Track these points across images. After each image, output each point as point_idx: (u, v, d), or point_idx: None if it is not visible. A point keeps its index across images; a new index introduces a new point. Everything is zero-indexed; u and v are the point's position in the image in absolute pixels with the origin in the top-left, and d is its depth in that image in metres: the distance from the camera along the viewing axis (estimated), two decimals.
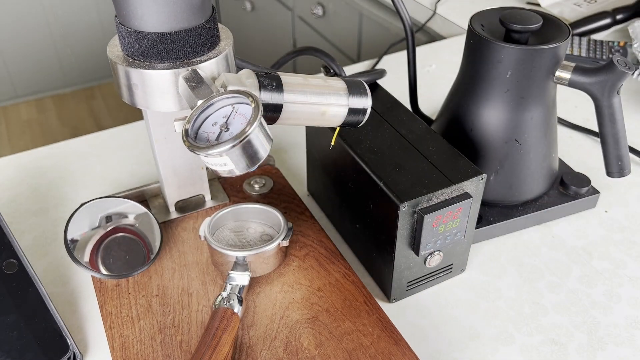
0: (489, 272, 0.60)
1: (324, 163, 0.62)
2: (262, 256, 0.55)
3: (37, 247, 0.63)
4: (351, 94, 0.48)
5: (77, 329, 0.54)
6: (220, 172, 0.40)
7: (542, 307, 0.56)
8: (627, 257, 0.61)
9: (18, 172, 0.74)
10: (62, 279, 0.59)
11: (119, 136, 0.80)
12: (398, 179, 0.51)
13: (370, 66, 0.97)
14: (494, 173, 0.62)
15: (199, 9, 0.45)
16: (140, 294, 0.56)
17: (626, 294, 0.57)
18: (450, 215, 0.51)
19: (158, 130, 0.56)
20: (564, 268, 0.60)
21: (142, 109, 0.50)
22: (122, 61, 0.46)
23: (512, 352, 0.52)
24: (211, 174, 0.68)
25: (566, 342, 0.53)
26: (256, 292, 0.56)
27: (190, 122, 0.41)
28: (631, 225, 0.65)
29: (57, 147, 0.78)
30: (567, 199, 0.65)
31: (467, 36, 0.59)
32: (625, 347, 0.52)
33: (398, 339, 0.52)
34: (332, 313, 0.54)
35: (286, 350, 0.51)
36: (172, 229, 0.63)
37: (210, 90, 0.43)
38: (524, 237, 0.64)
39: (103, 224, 0.59)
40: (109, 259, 0.57)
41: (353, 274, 0.58)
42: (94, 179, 0.72)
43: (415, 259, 0.54)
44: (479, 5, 1.16)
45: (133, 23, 0.44)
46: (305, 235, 0.62)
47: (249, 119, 0.39)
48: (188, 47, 0.45)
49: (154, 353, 0.51)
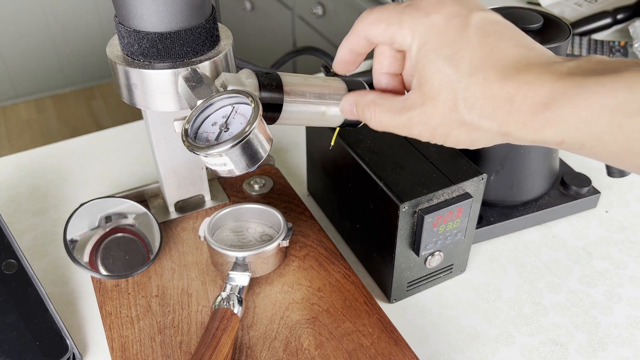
0: (490, 273, 0.60)
1: (324, 163, 0.62)
2: (262, 256, 0.55)
3: (37, 247, 0.63)
4: None
5: (77, 330, 0.54)
6: (220, 172, 0.40)
7: (542, 307, 0.56)
8: (627, 257, 0.61)
9: (17, 172, 0.73)
10: (62, 279, 0.59)
11: (119, 136, 0.80)
12: (398, 179, 0.51)
13: (370, 66, 0.97)
14: (494, 173, 0.62)
15: (198, 8, 0.45)
16: (140, 295, 0.56)
17: (626, 294, 0.57)
18: (451, 215, 0.51)
19: (158, 130, 0.56)
20: (564, 268, 0.60)
21: (141, 109, 0.50)
22: (121, 61, 0.46)
23: (513, 353, 0.52)
24: (211, 174, 0.68)
25: (566, 342, 0.53)
26: (256, 292, 0.56)
27: (190, 122, 0.40)
28: (631, 225, 0.65)
29: (57, 147, 0.78)
30: (567, 199, 0.65)
31: None
32: (626, 348, 0.52)
33: (398, 340, 0.52)
34: (332, 313, 0.54)
35: (286, 351, 0.51)
36: (171, 229, 0.63)
37: (210, 90, 0.43)
38: (524, 237, 0.64)
39: (103, 224, 0.59)
40: (109, 259, 0.57)
41: (353, 274, 0.58)
42: (93, 179, 0.72)
43: (416, 259, 0.53)
44: None
45: (132, 23, 0.44)
46: (305, 236, 0.62)
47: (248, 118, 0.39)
48: (188, 47, 0.45)
49: (153, 353, 0.51)
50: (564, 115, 0.28)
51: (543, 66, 0.30)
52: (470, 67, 0.31)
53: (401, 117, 0.35)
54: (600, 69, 0.28)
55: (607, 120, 0.27)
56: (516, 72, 0.30)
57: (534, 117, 0.29)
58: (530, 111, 0.29)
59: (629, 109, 0.26)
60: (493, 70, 0.30)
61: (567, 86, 0.28)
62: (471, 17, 0.32)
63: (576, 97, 0.27)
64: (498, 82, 0.30)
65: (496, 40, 0.31)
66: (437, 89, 0.33)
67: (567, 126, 0.28)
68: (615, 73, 0.27)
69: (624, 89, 0.26)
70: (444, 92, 0.32)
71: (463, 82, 0.31)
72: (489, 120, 0.31)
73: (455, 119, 0.33)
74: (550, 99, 0.28)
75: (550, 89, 0.28)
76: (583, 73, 0.28)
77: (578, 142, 0.28)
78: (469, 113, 0.32)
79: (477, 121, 0.32)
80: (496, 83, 0.30)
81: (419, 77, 0.33)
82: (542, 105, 0.29)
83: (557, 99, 0.28)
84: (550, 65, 0.29)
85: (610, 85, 0.27)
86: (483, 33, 0.31)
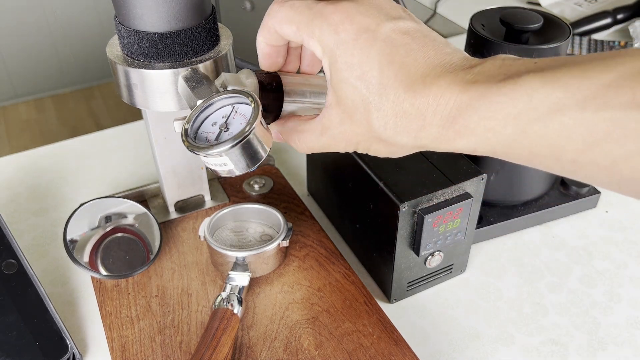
0: (490, 273, 0.60)
1: (324, 163, 0.62)
2: (262, 256, 0.55)
3: (37, 247, 0.63)
4: None
5: (77, 330, 0.54)
6: (220, 172, 0.40)
7: (542, 307, 0.56)
8: (627, 258, 0.61)
9: (17, 172, 0.73)
10: (62, 279, 0.59)
11: (119, 136, 0.80)
12: (398, 179, 0.51)
13: None
14: (494, 173, 0.62)
15: (198, 8, 0.45)
16: (140, 295, 0.56)
17: (627, 294, 0.57)
18: (451, 215, 0.50)
19: (158, 130, 0.56)
20: (564, 268, 0.60)
21: (141, 109, 0.50)
22: (121, 61, 0.46)
23: (513, 353, 0.52)
24: (211, 174, 0.68)
25: (567, 342, 0.53)
26: (256, 292, 0.56)
27: (190, 122, 0.40)
28: (632, 225, 0.65)
29: (57, 147, 0.78)
30: (567, 199, 0.65)
31: (467, 36, 0.59)
32: (626, 348, 0.52)
33: (398, 340, 0.52)
34: (332, 313, 0.54)
35: (286, 351, 0.51)
36: (171, 229, 0.63)
37: (209, 90, 0.43)
38: (524, 237, 0.64)
39: (102, 224, 0.59)
40: (109, 259, 0.57)
41: (353, 274, 0.58)
42: (93, 179, 0.72)
43: (416, 259, 0.53)
44: (479, 5, 1.15)
45: (132, 23, 0.44)
46: (305, 236, 0.62)
47: (248, 118, 0.39)
48: (188, 47, 0.45)
49: (153, 354, 0.51)
50: (472, 126, 0.29)
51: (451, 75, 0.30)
52: (380, 86, 0.31)
53: (323, 138, 0.36)
54: (502, 73, 0.28)
55: (512, 128, 0.27)
56: (424, 86, 0.30)
57: (445, 131, 0.30)
58: (441, 124, 0.30)
59: (530, 117, 0.27)
60: (402, 88, 0.31)
61: (472, 97, 0.28)
62: (379, 32, 0.32)
63: (480, 109, 0.28)
64: (408, 100, 0.30)
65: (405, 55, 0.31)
66: (352, 108, 0.33)
67: (476, 136, 0.29)
68: (514, 80, 0.27)
69: (524, 96, 0.27)
70: (359, 112, 0.33)
71: (375, 101, 0.32)
72: (404, 136, 0.32)
73: (372, 135, 0.33)
74: (458, 112, 0.29)
75: (456, 102, 0.29)
76: (487, 80, 0.28)
77: (489, 150, 0.29)
78: (385, 131, 0.32)
79: (392, 138, 0.32)
80: (407, 101, 0.30)
81: (335, 96, 0.34)
82: (450, 119, 0.29)
83: (463, 111, 0.29)
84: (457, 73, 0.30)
85: (510, 94, 0.27)
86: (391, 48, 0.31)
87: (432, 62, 0.31)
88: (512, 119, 0.27)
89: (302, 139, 0.38)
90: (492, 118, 0.28)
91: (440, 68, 0.31)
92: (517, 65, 0.28)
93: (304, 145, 0.38)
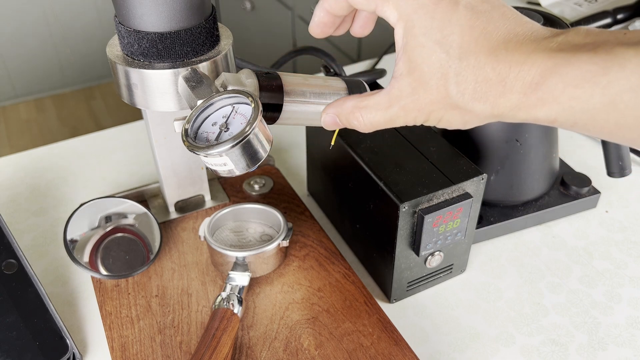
0: (490, 273, 0.60)
1: (324, 163, 0.62)
2: (262, 256, 0.55)
3: (37, 247, 0.63)
4: (351, 93, 0.47)
5: (77, 330, 0.54)
6: (220, 172, 0.40)
7: (542, 307, 0.56)
8: (627, 258, 0.61)
9: (17, 172, 0.73)
10: (62, 279, 0.59)
11: (119, 136, 0.80)
12: (398, 179, 0.51)
13: (370, 66, 0.97)
14: (494, 173, 0.62)
15: (198, 8, 0.45)
16: (140, 295, 0.56)
17: (627, 294, 0.57)
18: (451, 215, 0.51)
19: (158, 130, 0.56)
20: (564, 268, 0.60)
21: (141, 109, 0.50)
22: (121, 61, 0.46)
23: (513, 353, 0.52)
24: (211, 174, 0.68)
25: (567, 342, 0.53)
26: (256, 292, 0.56)
27: (190, 122, 0.40)
28: (632, 225, 0.65)
29: (57, 147, 0.78)
30: (567, 199, 0.65)
31: None
32: (626, 348, 0.52)
33: (398, 340, 0.52)
34: (332, 313, 0.54)
35: (286, 351, 0.51)
36: (171, 229, 0.63)
37: (210, 90, 0.43)
38: (524, 237, 0.64)
39: (102, 224, 0.59)
40: (109, 259, 0.57)
41: (353, 274, 0.58)
42: (93, 179, 0.72)
43: (416, 259, 0.53)
44: None
45: (132, 22, 0.44)
46: (305, 236, 0.62)
47: (248, 118, 0.39)
48: (188, 47, 0.45)
49: (153, 353, 0.51)
50: (556, 94, 0.28)
51: (533, 43, 0.29)
52: (461, 51, 0.31)
53: (392, 110, 0.35)
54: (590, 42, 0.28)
55: (600, 97, 0.27)
56: (507, 52, 0.30)
57: (526, 98, 0.29)
58: (523, 91, 0.29)
59: (621, 87, 0.26)
60: (484, 53, 0.30)
61: (557, 63, 0.28)
62: None
63: (567, 76, 0.27)
64: (490, 65, 0.30)
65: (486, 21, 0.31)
66: (428, 74, 0.32)
67: (559, 104, 0.28)
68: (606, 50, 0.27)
69: (615, 66, 0.26)
70: (435, 78, 0.32)
71: (454, 66, 0.31)
72: (482, 103, 0.31)
73: (448, 103, 0.32)
74: (542, 78, 0.28)
75: (541, 68, 0.28)
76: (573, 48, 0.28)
77: (570, 120, 0.29)
78: (462, 97, 0.31)
79: (470, 104, 0.32)
80: (488, 65, 0.30)
81: (409, 63, 0.33)
82: (533, 85, 0.29)
83: (547, 78, 0.28)
84: (540, 41, 0.29)
85: (602, 64, 0.27)
86: (472, 14, 0.31)
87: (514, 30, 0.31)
88: (601, 87, 0.27)
89: (366, 114, 0.36)
90: (579, 86, 0.27)
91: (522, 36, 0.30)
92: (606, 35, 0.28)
93: (367, 122, 0.37)
